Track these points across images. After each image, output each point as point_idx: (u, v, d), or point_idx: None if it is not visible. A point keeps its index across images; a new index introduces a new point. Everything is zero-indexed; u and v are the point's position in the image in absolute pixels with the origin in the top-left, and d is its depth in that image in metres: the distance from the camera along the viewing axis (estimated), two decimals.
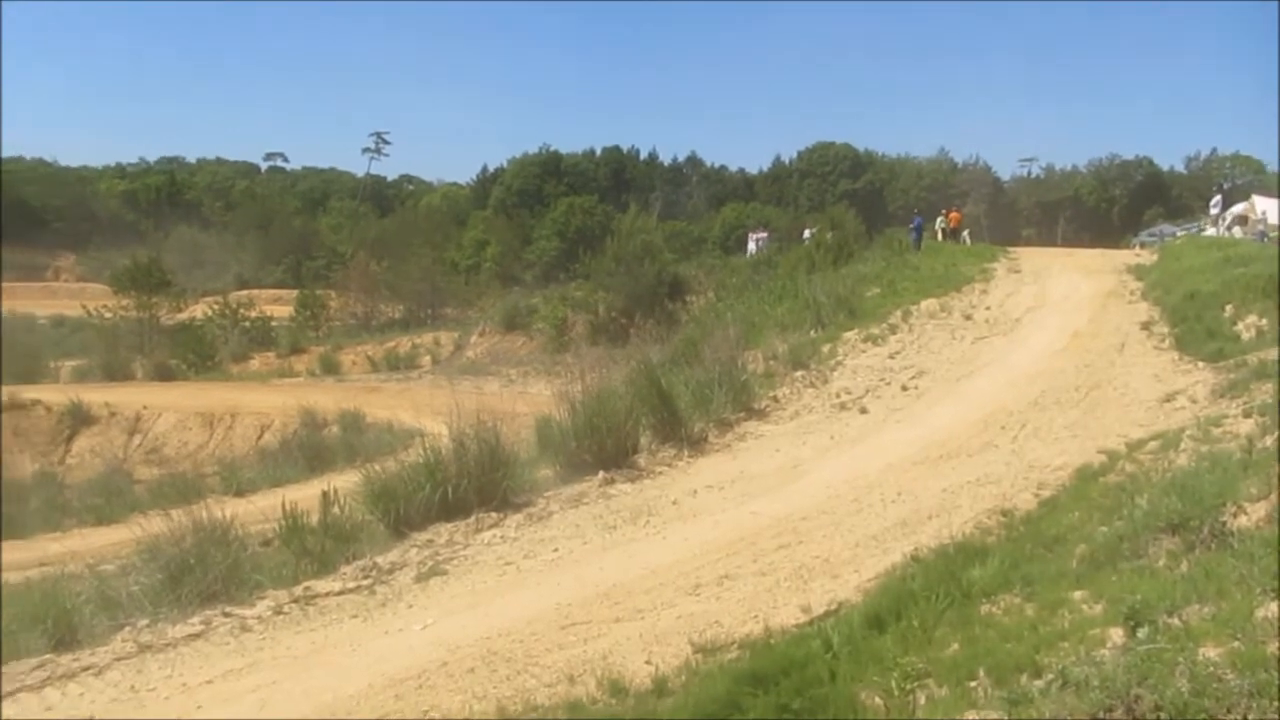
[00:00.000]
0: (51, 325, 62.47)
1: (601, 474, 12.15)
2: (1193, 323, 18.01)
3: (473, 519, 10.72)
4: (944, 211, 45.15)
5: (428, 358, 44.22)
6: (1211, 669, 3.74)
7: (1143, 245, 41.50)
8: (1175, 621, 4.87)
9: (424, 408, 13.88)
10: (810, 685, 5.90)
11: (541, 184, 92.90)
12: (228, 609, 8.71)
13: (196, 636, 8.24)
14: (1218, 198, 41.60)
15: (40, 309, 69.35)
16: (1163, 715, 3.59)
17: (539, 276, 65.41)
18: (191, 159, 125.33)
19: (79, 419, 32.94)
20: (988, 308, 22.34)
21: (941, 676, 5.70)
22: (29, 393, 34.62)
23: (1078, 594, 6.52)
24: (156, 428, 32.78)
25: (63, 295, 77.22)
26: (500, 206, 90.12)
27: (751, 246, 50.15)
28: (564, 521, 10.83)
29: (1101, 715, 3.74)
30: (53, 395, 34.64)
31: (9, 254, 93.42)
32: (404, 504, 10.70)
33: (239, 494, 19.77)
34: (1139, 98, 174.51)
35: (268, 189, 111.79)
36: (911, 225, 37.97)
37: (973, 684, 5.48)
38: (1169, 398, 14.00)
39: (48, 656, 7.86)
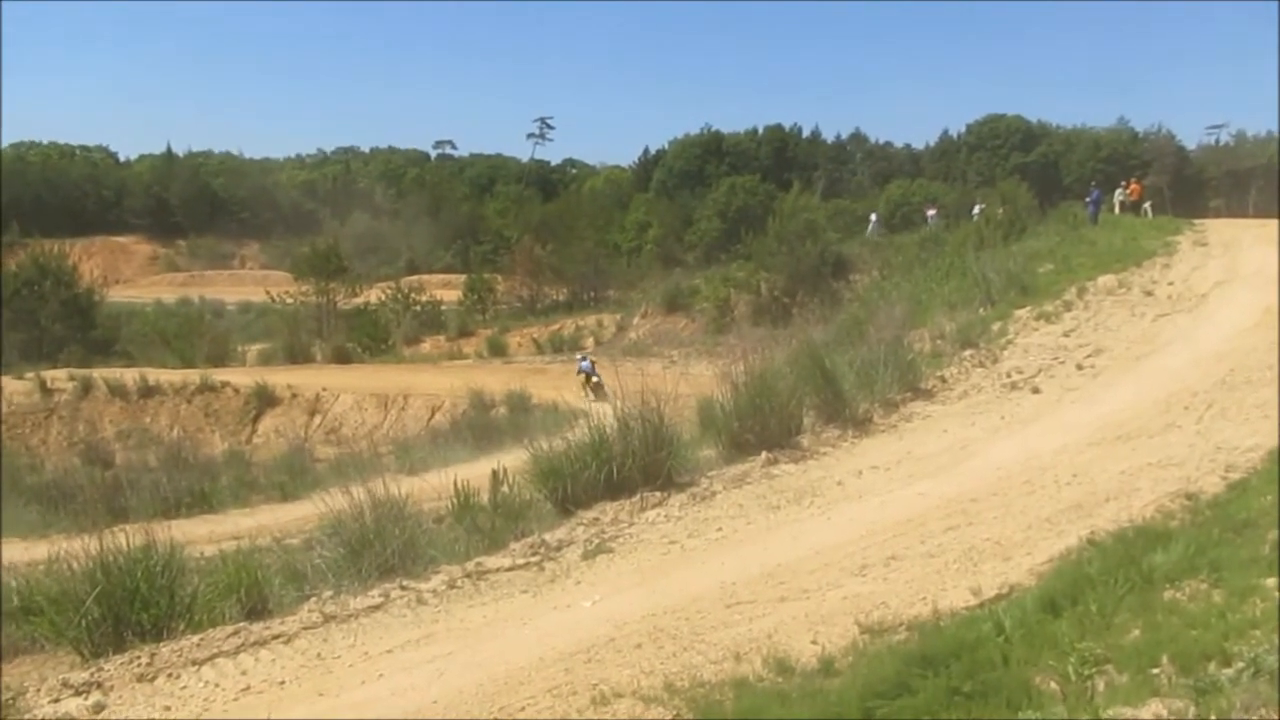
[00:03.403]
0: (238, 311, 65.79)
1: (764, 454, 12.09)
2: None
3: (637, 498, 10.82)
4: (1123, 183, 43.29)
5: (591, 339, 44.93)
6: None
7: None
8: None
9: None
10: (982, 668, 5.76)
11: (703, 165, 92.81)
12: (404, 582, 9.02)
13: (376, 608, 8.57)
14: None
15: (228, 295, 73.29)
16: None
17: (700, 257, 65.39)
18: (365, 149, 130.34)
19: (264, 400, 34.83)
20: (1171, 283, 21.33)
21: (1122, 663, 5.49)
22: (219, 375, 36.68)
23: (1271, 581, 6.20)
24: (335, 408, 34.31)
25: (248, 282, 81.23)
26: (662, 188, 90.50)
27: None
28: (727, 501, 10.84)
29: None
30: (240, 378, 36.63)
31: (199, 243, 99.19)
32: (570, 483, 10.86)
33: (412, 473, 20.49)
34: None
35: (437, 176, 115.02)
36: (1088, 198, 36.50)
37: (1155, 671, 5.27)
38: None
39: (241, 624, 8.31)
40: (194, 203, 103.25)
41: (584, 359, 33.99)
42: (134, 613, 8.17)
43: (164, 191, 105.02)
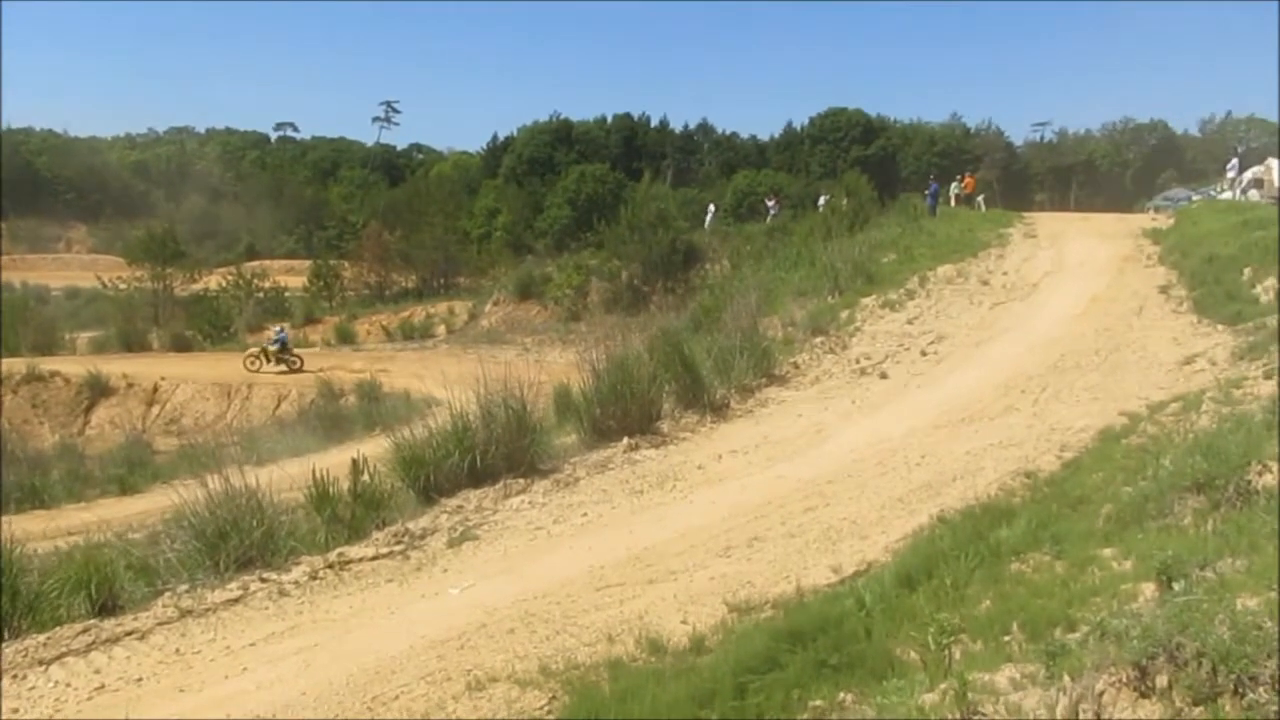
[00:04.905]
0: (65, 297, 62.52)
1: (626, 440, 12.27)
2: (1211, 286, 18.02)
3: (501, 485, 10.85)
4: (959, 177, 44.99)
5: (442, 327, 44.31)
6: (1251, 618, 3.84)
7: (1157, 210, 41.24)
8: (1209, 575, 4.96)
9: (442, 377, 14.03)
10: (847, 641, 6.03)
11: (552, 152, 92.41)
12: (264, 574, 8.85)
13: (235, 601, 8.39)
14: (1234, 161, 41.16)
15: (53, 280, 69.41)
16: (1205, 661, 3.70)
17: (551, 245, 65.15)
18: (201, 129, 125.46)
19: (97, 390, 33.17)
20: (1005, 273, 22.35)
21: (975, 632, 5.81)
22: (47, 364, 34.80)
23: (1107, 551, 6.62)
24: (175, 398, 33.01)
25: (75, 267, 77.09)
26: (511, 175, 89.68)
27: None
28: (591, 487, 10.97)
29: (1144, 663, 3.85)
30: (70, 367, 34.78)
31: (20, 225, 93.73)
32: (433, 470, 10.82)
33: (260, 463, 19.92)
34: (1154, 59, 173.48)
35: (278, 159, 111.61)
36: (927, 191, 37.85)
37: (1007, 638, 5.59)
38: (1189, 360, 14.08)
39: (91, 622, 8.00)
40: (14, 182, 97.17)
41: (280, 331, 36.35)
42: None
43: None
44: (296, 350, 35.28)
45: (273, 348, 34.67)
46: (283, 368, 34.06)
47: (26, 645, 7.62)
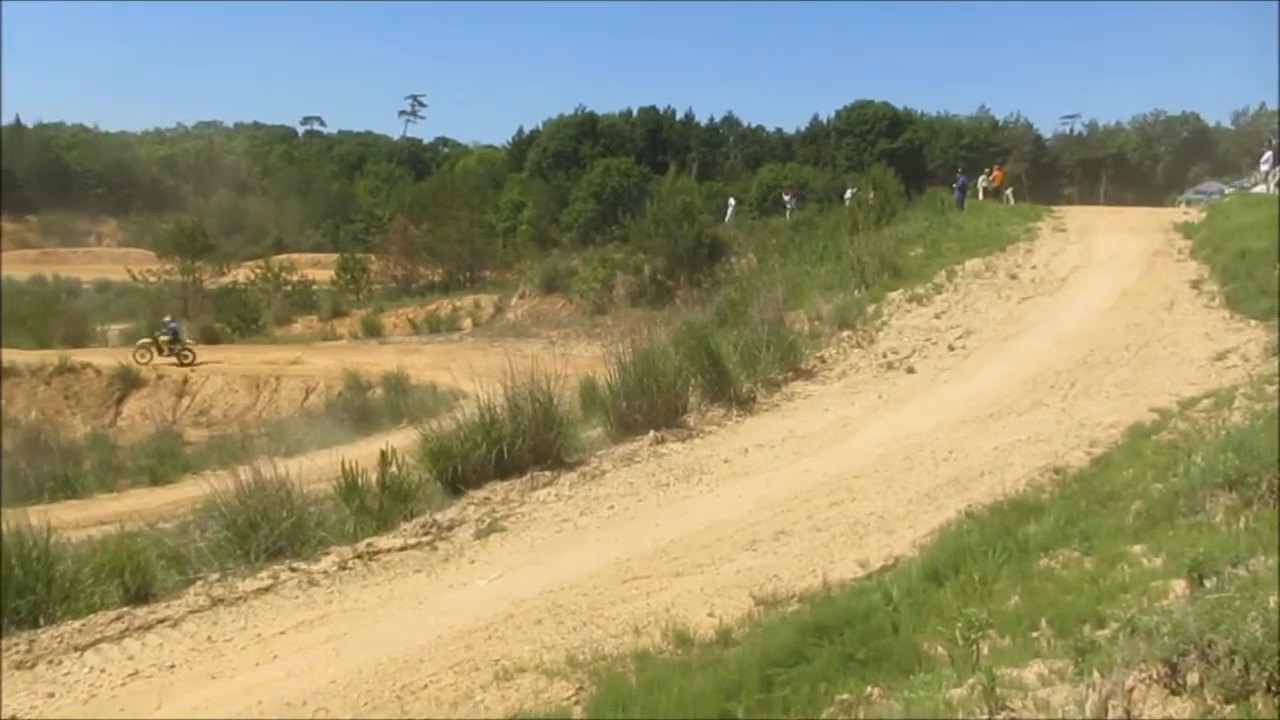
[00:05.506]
0: (96, 290, 63.13)
1: (652, 433, 12.29)
2: (1244, 281, 17.78)
3: (528, 477, 10.90)
4: (987, 170, 44.62)
5: (468, 320, 44.47)
6: None
7: (1189, 203, 40.76)
8: (1241, 572, 4.93)
9: (469, 369, 14.12)
10: (873, 636, 6.03)
11: (577, 145, 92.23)
12: (294, 564, 8.92)
13: (266, 590, 8.46)
14: (1268, 154, 40.30)
15: (84, 274, 70.06)
16: (1237, 659, 3.67)
17: (575, 239, 65.19)
18: (228, 123, 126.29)
19: (128, 382, 33.62)
20: (1033, 267, 22.15)
21: (1004, 627, 5.80)
22: (79, 356, 35.22)
23: (1136, 548, 6.59)
24: (204, 390, 33.34)
25: (105, 260, 77.76)
26: (536, 168, 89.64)
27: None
28: (617, 480, 11.00)
29: (1175, 660, 3.83)
30: (102, 359, 35.21)
31: (51, 220, 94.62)
32: (460, 462, 10.87)
33: (289, 455, 20.04)
34: (1186, 50, 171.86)
35: (305, 153, 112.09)
36: (955, 184, 37.52)
37: (1035, 634, 5.58)
38: (1220, 356, 13.95)
39: (125, 609, 8.10)
40: (45, 177, 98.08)
41: (172, 322, 36.72)
42: (9, 599, 7.89)
43: (11, 165, 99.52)
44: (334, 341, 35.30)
45: (163, 338, 35.06)
46: (174, 360, 34.48)
47: (62, 631, 7.71)
